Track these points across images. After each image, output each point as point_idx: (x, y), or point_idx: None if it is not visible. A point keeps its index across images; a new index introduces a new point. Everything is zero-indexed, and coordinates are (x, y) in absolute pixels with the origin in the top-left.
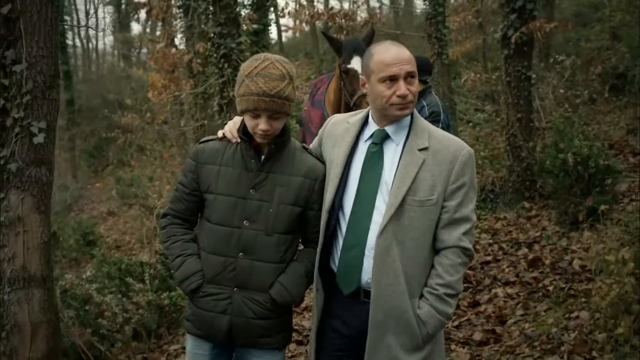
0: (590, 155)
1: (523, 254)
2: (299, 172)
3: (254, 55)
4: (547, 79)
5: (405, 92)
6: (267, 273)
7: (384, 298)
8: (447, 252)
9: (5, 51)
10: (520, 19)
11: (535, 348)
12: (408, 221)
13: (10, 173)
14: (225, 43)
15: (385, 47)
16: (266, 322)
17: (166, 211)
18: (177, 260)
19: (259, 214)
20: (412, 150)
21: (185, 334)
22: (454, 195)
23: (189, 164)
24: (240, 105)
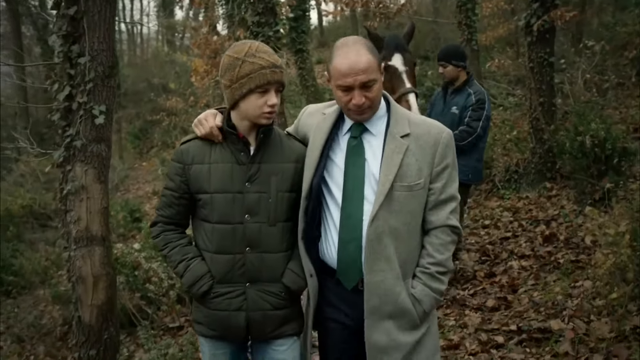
0: (607, 138)
1: (540, 231)
2: (290, 159)
3: (236, 42)
4: (577, 63)
5: (359, 102)
6: (277, 263)
7: (378, 284)
8: (437, 232)
9: (71, 46)
10: (543, 8)
11: (540, 313)
12: (399, 207)
13: (76, 149)
14: (263, 31)
15: (344, 54)
16: (283, 312)
17: (155, 219)
18: (181, 266)
19: (259, 206)
20: (395, 137)
21: (198, 336)
22: (439, 177)
23: (174, 167)
24: (246, 86)
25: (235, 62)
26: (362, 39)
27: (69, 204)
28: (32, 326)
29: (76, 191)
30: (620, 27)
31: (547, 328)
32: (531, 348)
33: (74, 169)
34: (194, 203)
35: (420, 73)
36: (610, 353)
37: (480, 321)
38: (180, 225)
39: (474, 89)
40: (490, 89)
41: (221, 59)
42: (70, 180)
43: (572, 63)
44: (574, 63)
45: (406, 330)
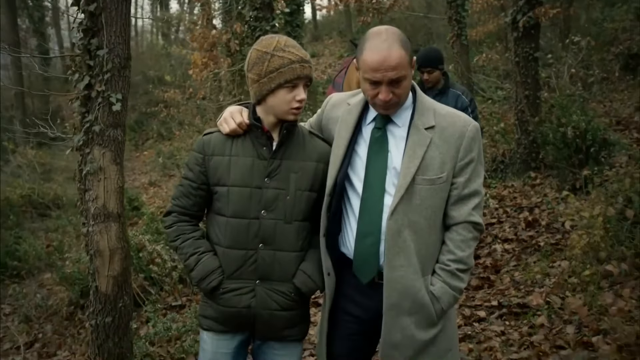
0: (587, 129)
1: (524, 217)
2: (312, 157)
3: (263, 37)
4: (563, 58)
5: (386, 98)
6: (289, 262)
7: (397, 279)
8: (458, 228)
9: (91, 39)
10: (528, 5)
11: (520, 290)
12: (420, 200)
13: (94, 133)
14: (260, 26)
15: (376, 48)
16: (290, 314)
17: (171, 208)
18: (192, 259)
19: (276, 202)
20: (419, 129)
21: (201, 331)
22: (463, 171)
23: (194, 157)
24: (275, 80)
25: (264, 57)
26: (396, 30)
27: (88, 184)
28: (39, 306)
29: (94, 172)
30: (609, 22)
31: (525, 303)
32: (510, 321)
33: (92, 152)
34: (210, 195)
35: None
36: (582, 324)
37: (464, 298)
38: (194, 217)
39: (459, 89)
40: (479, 82)
41: (249, 53)
42: (89, 162)
43: (559, 58)
44: (561, 58)
45: (422, 327)
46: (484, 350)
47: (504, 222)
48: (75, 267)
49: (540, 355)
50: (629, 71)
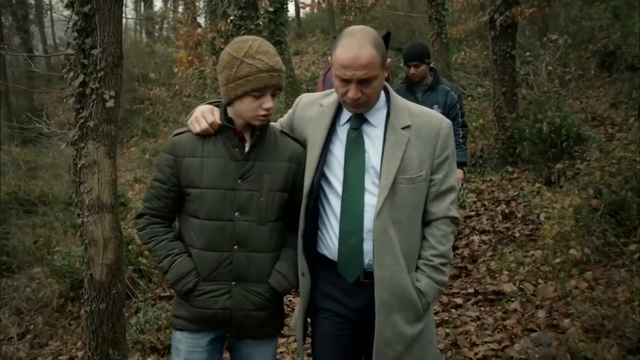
0: (562, 125)
1: (501, 210)
2: (284, 157)
3: (235, 39)
4: (541, 56)
5: (355, 96)
6: (264, 263)
7: (387, 278)
8: (438, 223)
9: (85, 39)
10: (505, 4)
11: (495, 278)
12: (402, 199)
13: (89, 128)
14: (245, 24)
15: (348, 46)
16: (265, 313)
17: (143, 211)
18: (166, 261)
19: (250, 204)
20: (395, 129)
21: (175, 331)
22: (440, 168)
23: (165, 158)
24: (242, 87)
25: (234, 62)
26: (370, 30)
27: (83, 177)
28: (30, 299)
29: (89, 165)
30: (587, 21)
31: (500, 291)
32: (485, 307)
33: (87, 146)
34: (182, 197)
35: (395, 64)
36: (552, 309)
37: None
38: (167, 218)
39: (448, 85)
40: (459, 80)
41: (222, 54)
42: (84, 156)
43: (537, 55)
44: (539, 55)
45: (411, 323)
46: (459, 334)
47: (481, 215)
48: (66, 260)
49: (513, 338)
50: (604, 69)
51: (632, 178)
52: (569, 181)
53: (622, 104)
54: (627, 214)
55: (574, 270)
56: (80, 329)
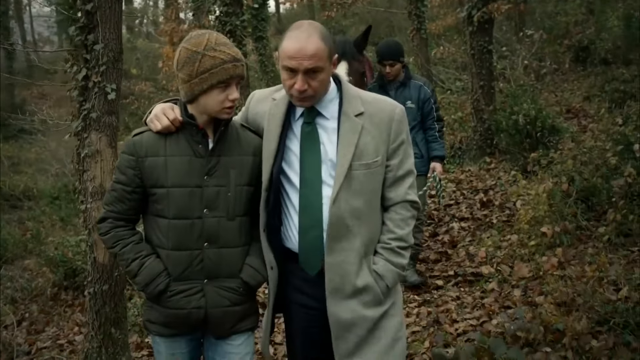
0: (537, 117)
1: (479, 198)
2: (248, 151)
3: (189, 35)
4: (518, 51)
5: (301, 87)
6: (235, 258)
7: (339, 264)
8: (396, 208)
9: (87, 35)
10: (482, 1)
11: (474, 261)
12: (359, 186)
13: (92, 120)
14: (230, 20)
15: (295, 36)
16: (241, 307)
17: (105, 214)
18: (134, 264)
19: (218, 200)
20: (349, 117)
21: (151, 336)
22: (396, 154)
23: (126, 159)
24: (207, 81)
25: (195, 56)
26: (318, 24)
27: (86, 165)
28: (25, 289)
29: (92, 154)
30: (562, 16)
31: (479, 272)
32: (465, 287)
33: (89, 137)
34: (146, 198)
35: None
36: (527, 287)
37: (424, 270)
38: (130, 221)
39: (421, 80)
40: (439, 74)
41: (177, 51)
42: (87, 146)
43: (514, 50)
44: (516, 50)
45: (370, 306)
46: (441, 312)
47: (461, 203)
48: (59, 250)
49: (490, 314)
50: (579, 63)
51: (602, 166)
52: (543, 169)
53: (595, 96)
54: (598, 199)
55: (548, 252)
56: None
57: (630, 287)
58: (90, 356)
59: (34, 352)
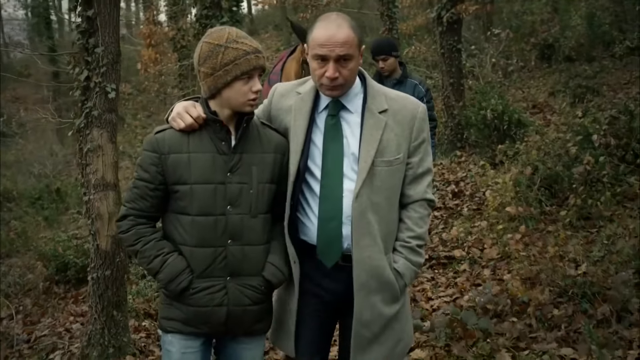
0: (504, 111)
1: (451, 189)
2: (269, 149)
3: (208, 31)
4: (486, 49)
5: (332, 75)
6: (258, 256)
7: (365, 260)
8: (415, 206)
9: (88, 39)
10: (451, 2)
11: (447, 246)
12: (380, 182)
13: (93, 117)
14: (210, 23)
15: (325, 25)
16: (260, 307)
17: (126, 212)
18: (157, 261)
19: (241, 197)
20: (373, 113)
21: (164, 334)
22: (417, 151)
23: (149, 157)
24: (231, 73)
25: (217, 49)
26: (345, 15)
27: (88, 160)
28: (17, 284)
29: (94, 149)
30: (528, 15)
31: (451, 256)
32: (439, 269)
33: (91, 133)
34: (167, 195)
35: None
36: (496, 267)
37: None
38: (152, 218)
39: (417, 79)
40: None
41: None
42: (89, 141)
43: (482, 49)
44: (484, 49)
45: (388, 304)
46: (417, 291)
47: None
48: (50, 246)
49: (462, 291)
50: (544, 60)
51: (563, 155)
52: (509, 160)
53: (559, 92)
54: (560, 186)
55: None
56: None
57: (588, 264)
58: (93, 337)
59: (33, 340)
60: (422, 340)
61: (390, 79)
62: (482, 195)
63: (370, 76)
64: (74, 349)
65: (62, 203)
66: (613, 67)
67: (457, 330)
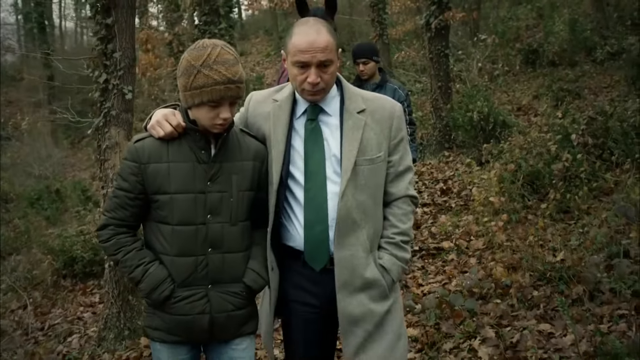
0: (490, 113)
1: (439, 187)
2: (248, 156)
3: (196, 43)
4: (472, 54)
5: (314, 80)
6: (238, 263)
7: (347, 258)
8: (398, 203)
9: (107, 45)
10: (439, 9)
11: (436, 239)
12: (364, 180)
13: (111, 116)
14: (209, 29)
15: (304, 31)
16: (244, 311)
17: (106, 222)
18: (138, 271)
19: (221, 205)
20: (352, 114)
21: (152, 343)
22: (396, 149)
23: (129, 166)
24: (198, 97)
25: (191, 70)
26: (321, 20)
27: (107, 155)
28: (26, 278)
29: (112, 146)
30: (514, 21)
31: (440, 247)
32: (428, 259)
33: (110, 131)
34: (147, 204)
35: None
36: (482, 256)
37: None
38: (132, 227)
39: (396, 84)
40: (399, 76)
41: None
42: (107, 139)
43: (469, 54)
44: (471, 54)
45: (378, 301)
46: (409, 278)
47: (423, 192)
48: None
49: (450, 277)
50: (529, 65)
51: (544, 153)
52: (494, 158)
53: (543, 95)
54: (541, 181)
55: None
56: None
57: (566, 252)
58: (109, 320)
59: (47, 328)
60: (414, 320)
61: (369, 83)
62: (469, 191)
63: (348, 81)
64: (90, 332)
65: (62, 203)
66: (594, 71)
67: (446, 311)
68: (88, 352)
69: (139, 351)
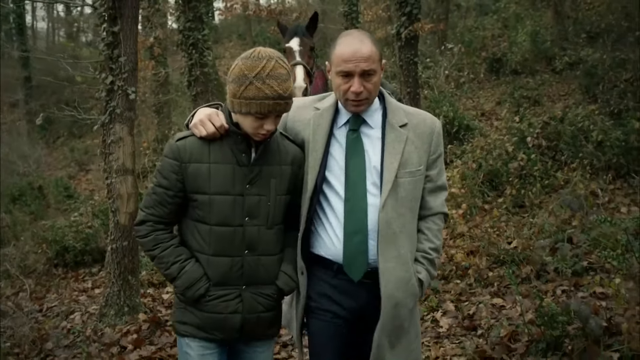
0: (455, 117)
1: None
2: (287, 161)
3: (248, 51)
4: (440, 62)
5: (358, 89)
6: (272, 265)
7: (390, 270)
8: (434, 218)
9: (113, 50)
10: (409, 20)
11: None
12: (405, 193)
13: (116, 114)
14: (193, 35)
15: (348, 41)
16: (272, 314)
17: (144, 217)
18: (174, 268)
19: (259, 208)
20: (394, 127)
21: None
22: (435, 164)
23: (170, 164)
24: (245, 107)
25: (243, 79)
26: (365, 31)
27: (111, 149)
28: (19, 266)
29: (116, 141)
30: (480, 30)
31: None
32: None
33: (114, 127)
34: (185, 202)
35: None
36: (445, 245)
37: None
38: (170, 224)
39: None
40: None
41: (236, 61)
42: (112, 134)
43: (436, 62)
44: (438, 62)
45: (407, 313)
46: None
47: None
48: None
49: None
50: (493, 73)
51: (503, 154)
52: (458, 157)
53: (505, 102)
54: (499, 179)
55: (459, 210)
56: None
57: (519, 240)
58: (110, 298)
59: (45, 310)
60: None
61: None
62: None
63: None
64: (91, 310)
65: (44, 199)
66: (553, 80)
67: None
68: (91, 327)
69: (137, 325)
